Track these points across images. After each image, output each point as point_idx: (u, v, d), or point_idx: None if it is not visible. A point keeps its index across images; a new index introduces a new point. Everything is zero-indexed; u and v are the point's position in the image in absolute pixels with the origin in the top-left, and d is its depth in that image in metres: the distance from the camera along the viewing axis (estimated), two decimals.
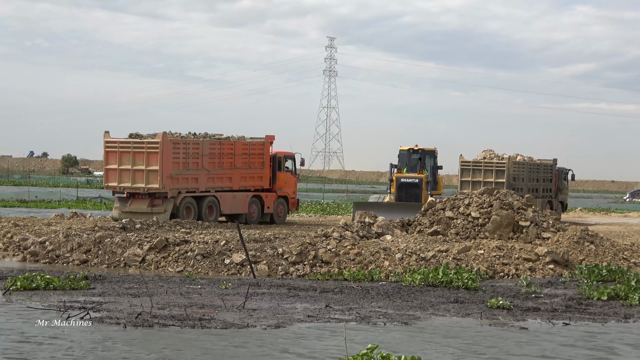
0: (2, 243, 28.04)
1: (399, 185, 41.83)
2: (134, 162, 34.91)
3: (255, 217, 39.77)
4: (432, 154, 44.03)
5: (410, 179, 41.80)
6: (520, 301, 18.34)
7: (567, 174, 50.72)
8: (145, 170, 34.75)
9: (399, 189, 41.76)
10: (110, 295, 17.99)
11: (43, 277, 19.09)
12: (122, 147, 35.27)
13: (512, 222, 27.62)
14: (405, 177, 42.10)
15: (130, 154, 35.00)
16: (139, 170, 34.92)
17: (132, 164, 34.91)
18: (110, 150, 35.56)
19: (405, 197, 41.39)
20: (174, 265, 24.71)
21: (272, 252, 24.65)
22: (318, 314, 16.06)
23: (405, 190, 41.62)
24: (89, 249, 26.26)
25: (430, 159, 43.85)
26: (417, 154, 43.58)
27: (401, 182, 41.83)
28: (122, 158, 35.20)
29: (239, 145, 38.86)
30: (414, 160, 43.47)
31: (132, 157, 34.94)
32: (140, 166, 34.86)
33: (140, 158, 34.94)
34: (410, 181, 41.76)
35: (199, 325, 14.41)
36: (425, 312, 16.72)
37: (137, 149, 35.01)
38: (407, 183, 41.76)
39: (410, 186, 41.65)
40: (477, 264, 23.58)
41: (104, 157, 35.94)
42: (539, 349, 13.51)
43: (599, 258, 25.16)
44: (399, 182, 41.88)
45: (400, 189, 41.74)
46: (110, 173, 35.69)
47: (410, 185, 41.69)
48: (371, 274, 22.39)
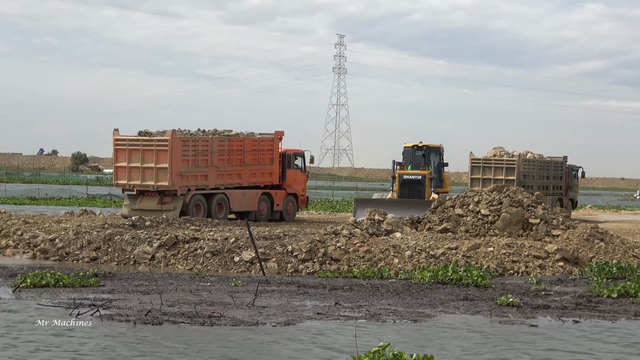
0: (13, 240, 28.10)
1: (401, 182, 41.14)
2: (143, 159, 34.93)
3: (264, 214, 39.75)
4: (438, 150, 43.18)
5: (413, 176, 41.03)
6: (530, 299, 18.30)
7: (577, 171, 50.63)
8: (155, 168, 34.76)
9: (402, 186, 41.06)
10: (120, 292, 18.00)
11: (53, 274, 19.10)
12: (132, 145, 35.30)
13: (521, 220, 27.56)
14: (408, 173, 41.39)
15: (139, 152, 35.02)
16: (149, 168, 34.94)
17: (142, 161, 34.93)
18: (120, 148, 35.59)
19: (408, 194, 40.62)
20: (184, 263, 24.73)
21: (282, 250, 24.65)
22: (328, 311, 16.05)
23: (408, 188, 40.90)
24: (98, 246, 26.30)
25: (436, 156, 42.97)
26: (422, 150, 42.76)
27: (404, 179, 41.11)
28: (132, 156, 35.22)
29: (248, 142, 38.82)
30: (418, 157, 42.64)
31: (141, 155, 34.96)
32: (150, 164, 34.87)
33: (149, 156, 34.95)
34: (413, 178, 40.99)
35: (208, 322, 14.41)
36: (434, 309, 16.70)
37: (146, 147, 35.03)
38: (410, 180, 40.99)
39: (413, 183, 40.89)
40: (486, 261, 23.55)
41: (114, 154, 35.94)
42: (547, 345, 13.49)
43: (608, 255, 25.10)
44: (402, 179, 41.18)
45: (403, 186, 41.05)
46: (119, 171, 35.73)
47: (413, 182, 40.91)
48: (381, 271, 22.37)
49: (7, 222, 30.40)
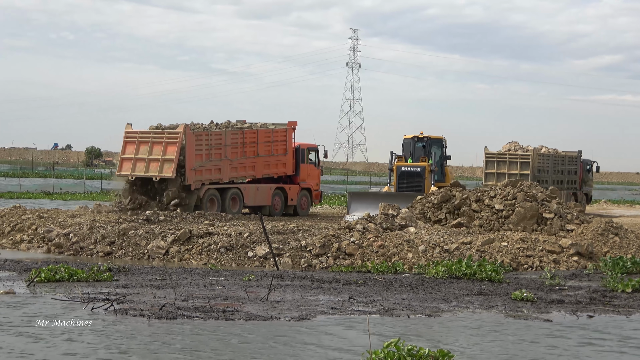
0: (27, 235, 28.17)
1: (399, 174, 39.35)
2: (151, 151, 34.33)
3: (278, 209, 39.73)
4: (440, 142, 41.05)
5: (411, 168, 39.23)
6: (544, 293, 18.26)
7: (592, 165, 50.45)
8: (161, 159, 34.23)
9: (400, 179, 39.29)
10: (134, 287, 18.03)
11: (67, 268, 19.15)
12: (142, 138, 34.84)
13: (536, 214, 27.51)
14: (406, 165, 39.53)
15: (148, 144, 34.56)
16: (154, 159, 34.38)
17: (149, 153, 34.28)
18: (130, 140, 34.98)
19: (407, 187, 38.81)
20: (198, 258, 24.74)
21: (296, 245, 24.64)
22: (342, 306, 16.04)
23: (406, 180, 39.13)
24: (113, 241, 26.34)
25: (438, 148, 40.83)
26: (422, 141, 40.71)
27: (402, 171, 39.30)
28: (140, 148, 34.55)
29: (261, 133, 38.67)
30: (418, 149, 40.64)
31: (150, 147, 34.46)
32: (157, 155, 34.26)
33: (158, 148, 34.40)
34: (412, 170, 39.19)
35: (222, 317, 14.42)
36: (448, 304, 16.67)
37: (156, 139, 34.72)
38: (408, 172, 39.20)
39: (412, 175, 39.09)
40: (500, 256, 23.50)
41: (122, 146, 35.21)
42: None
43: (623, 250, 25.04)
44: (400, 171, 39.38)
45: (401, 178, 39.27)
46: (124, 162, 34.91)
47: (412, 174, 39.11)
48: (394, 266, 22.35)
49: (22, 216, 30.47)
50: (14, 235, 28.69)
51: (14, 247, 27.66)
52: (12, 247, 27.67)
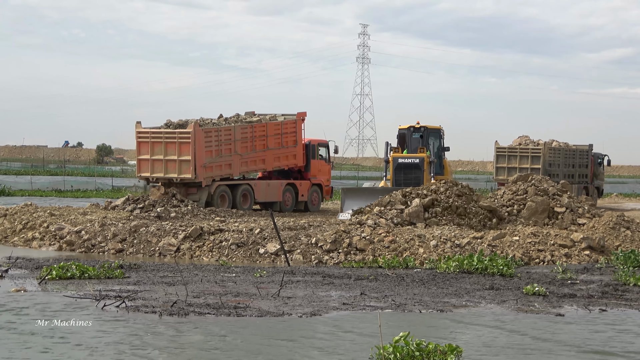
0: (39, 232, 28.22)
1: (396, 166, 36.66)
2: (166, 152, 34.59)
3: (289, 205, 39.68)
4: (437, 133, 38.48)
5: (409, 159, 36.57)
6: (556, 287, 18.23)
7: (603, 159, 50.34)
8: (178, 161, 34.51)
9: (397, 172, 36.61)
10: (146, 284, 18.04)
11: (78, 266, 19.17)
12: (154, 138, 35.02)
13: (547, 208, 27.46)
14: (403, 157, 36.88)
15: (162, 144, 34.76)
16: (171, 161, 34.66)
17: (164, 154, 34.59)
18: (142, 140, 35.27)
19: (404, 180, 36.01)
20: (209, 255, 24.74)
21: (307, 241, 24.61)
22: (353, 301, 16.03)
23: (403, 173, 36.47)
24: (124, 238, 26.37)
25: (436, 139, 38.35)
26: (419, 132, 38.13)
27: (399, 163, 36.64)
28: (155, 148, 34.86)
29: (270, 126, 38.58)
30: (415, 141, 38.08)
31: (164, 147, 34.68)
32: (173, 156, 34.57)
33: (172, 148, 34.64)
34: (409, 162, 36.55)
35: (234, 313, 14.42)
36: (460, 299, 16.65)
37: (169, 140, 34.82)
38: (405, 164, 36.57)
39: (410, 167, 36.44)
40: (512, 250, 23.46)
41: (136, 147, 35.56)
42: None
43: (635, 244, 24.98)
44: (397, 164, 36.69)
45: (398, 171, 36.57)
46: (142, 163, 35.35)
47: (410, 166, 36.46)
48: (406, 261, 22.33)
49: (34, 214, 30.51)
50: (25, 233, 28.74)
51: (26, 245, 27.70)
52: (23, 245, 27.72)
